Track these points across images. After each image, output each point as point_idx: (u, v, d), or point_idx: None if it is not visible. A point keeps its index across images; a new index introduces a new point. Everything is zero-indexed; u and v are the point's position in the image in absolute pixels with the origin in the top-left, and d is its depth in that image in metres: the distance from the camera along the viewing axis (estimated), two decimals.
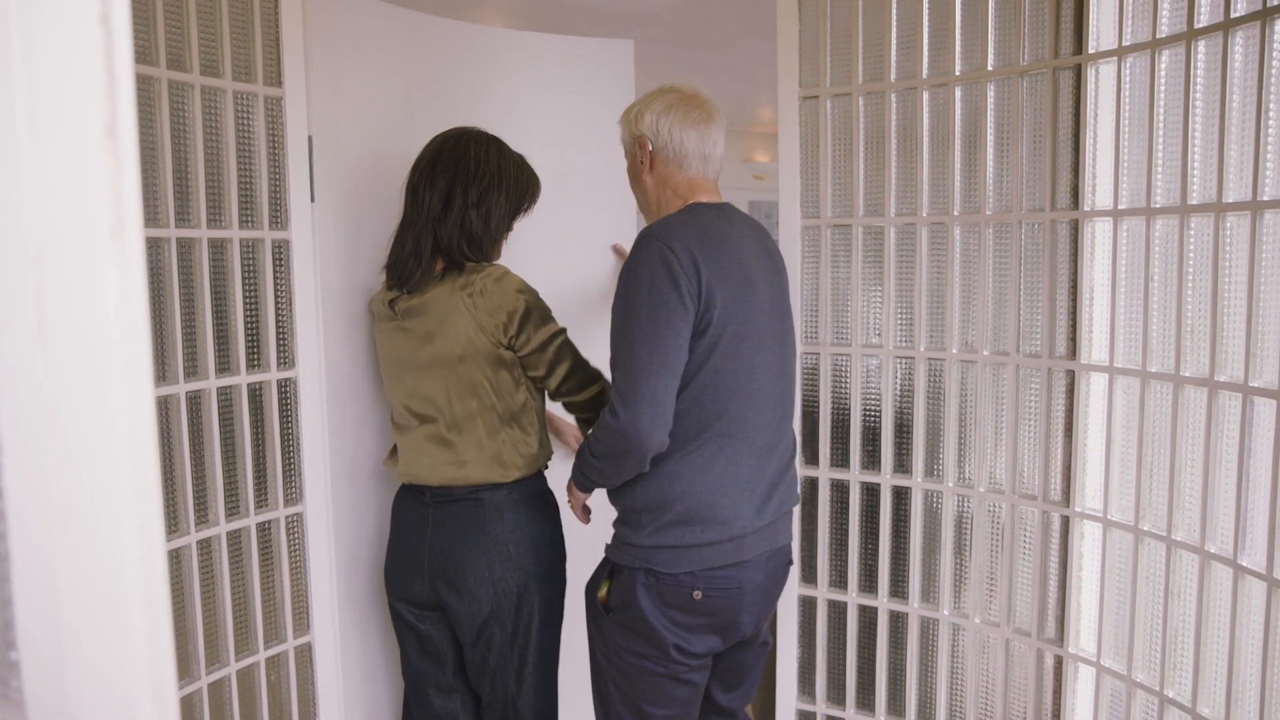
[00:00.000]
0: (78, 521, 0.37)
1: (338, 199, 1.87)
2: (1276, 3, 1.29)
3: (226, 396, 1.69)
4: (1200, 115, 1.44)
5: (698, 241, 1.49)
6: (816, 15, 1.92)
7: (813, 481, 2.04)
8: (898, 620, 1.99)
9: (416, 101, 2.00)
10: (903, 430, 1.95)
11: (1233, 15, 1.36)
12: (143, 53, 1.51)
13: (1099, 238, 1.65)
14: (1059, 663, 1.77)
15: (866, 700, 2.05)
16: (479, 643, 1.76)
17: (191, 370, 1.62)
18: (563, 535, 1.85)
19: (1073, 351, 1.71)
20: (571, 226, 2.20)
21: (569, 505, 1.77)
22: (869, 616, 2.02)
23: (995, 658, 1.87)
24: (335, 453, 1.88)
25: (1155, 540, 1.56)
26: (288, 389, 1.79)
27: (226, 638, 1.71)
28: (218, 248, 1.66)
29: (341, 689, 1.91)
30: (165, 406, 1.58)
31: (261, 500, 1.77)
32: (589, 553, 1.83)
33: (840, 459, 2.02)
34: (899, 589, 1.99)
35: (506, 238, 1.80)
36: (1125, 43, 1.56)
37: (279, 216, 1.75)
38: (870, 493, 1.99)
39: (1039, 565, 1.78)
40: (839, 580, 2.05)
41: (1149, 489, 1.58)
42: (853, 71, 1.90)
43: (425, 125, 1.87)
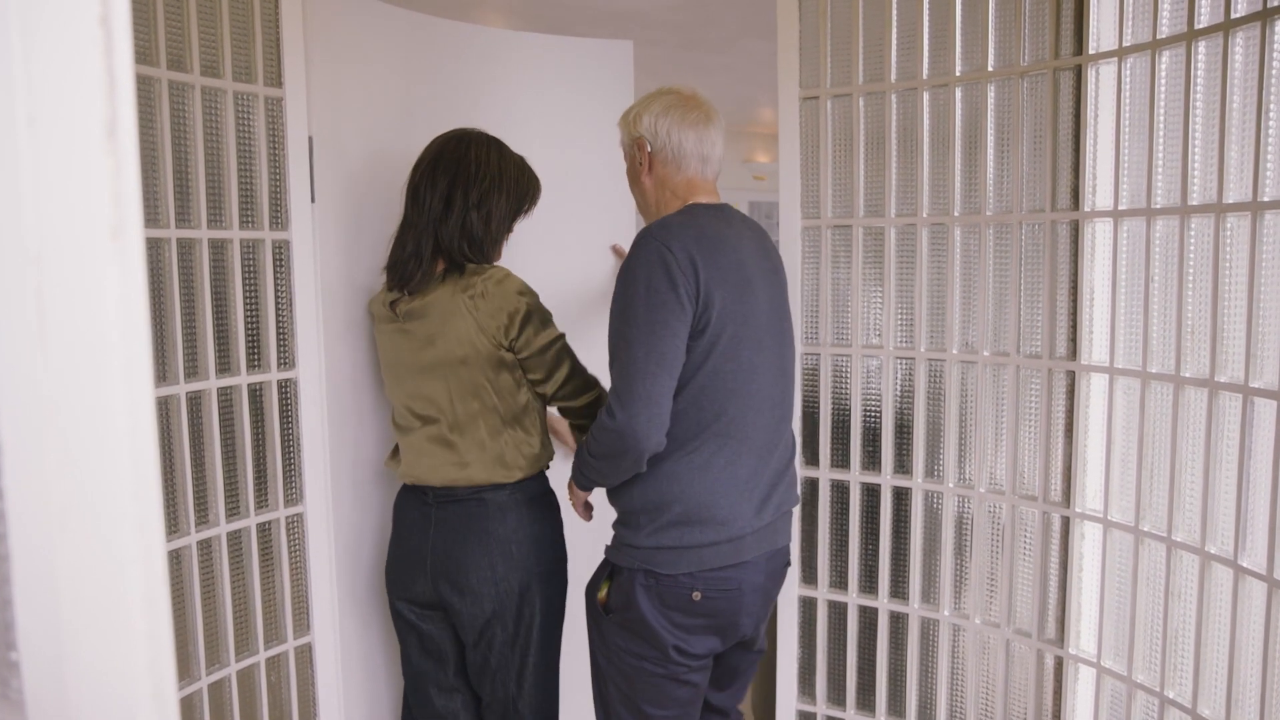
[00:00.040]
0: (78, 521, 0.37)
1: (338, 199, 1.87)
2: (1277, 3, 1.29)
3: (227, 397, 1.69)
4: (1200, 116, 1.44)
5: (696, 242, 1.49)
6: (817, 16, 1.92)
7: (813, 482, 2.04)
8: (898, 621, 1.99)
9: (416, 102, 2.01)
10: (903, 431, 1.95)
11: (1233, 16, 1.36)
12: (143, 53, 1.51)
13: (1099, 238, 1.65)
14: (1059, 663, 1.77)
15: (867, 701, 2.05)
16: (481, 642, 1.76)
17: (192, 371, 1.62)
18: (564, 535, 1.85)
19: (1073, 352, 1.70)
20: (571, 227, 2.20)
21: (570, 503, 1.77)
22: (869, 617, 2.02)
23: (995, 658, 1.87)
24: (336, 453, 1.88)
25: (1155, 541, 1.56)
26: (288, 389, 1.79)
27: (227, 638, 1.71)
28: (218, 248, 1.66)
29: (342, 690, 1.91)
30: (165, 407, 1.58)
31: (262, 501, 1.77)
32: (589, 553, 1.83)
33: (840, 460, 2.02)
34: (899, 590, 1.99)
35: (507, 239, 1.81)
36: (1125, 43, 1.56)
37: (279, 217, 1.75)
38: (870, 493, 1.99)
39: (1039, 566, 1.78)
40: (839, 581, 2.04)
41: (1149, 490, 1.57)
42: (853, 72, 1.90)
43: (425, 126, 1.87)
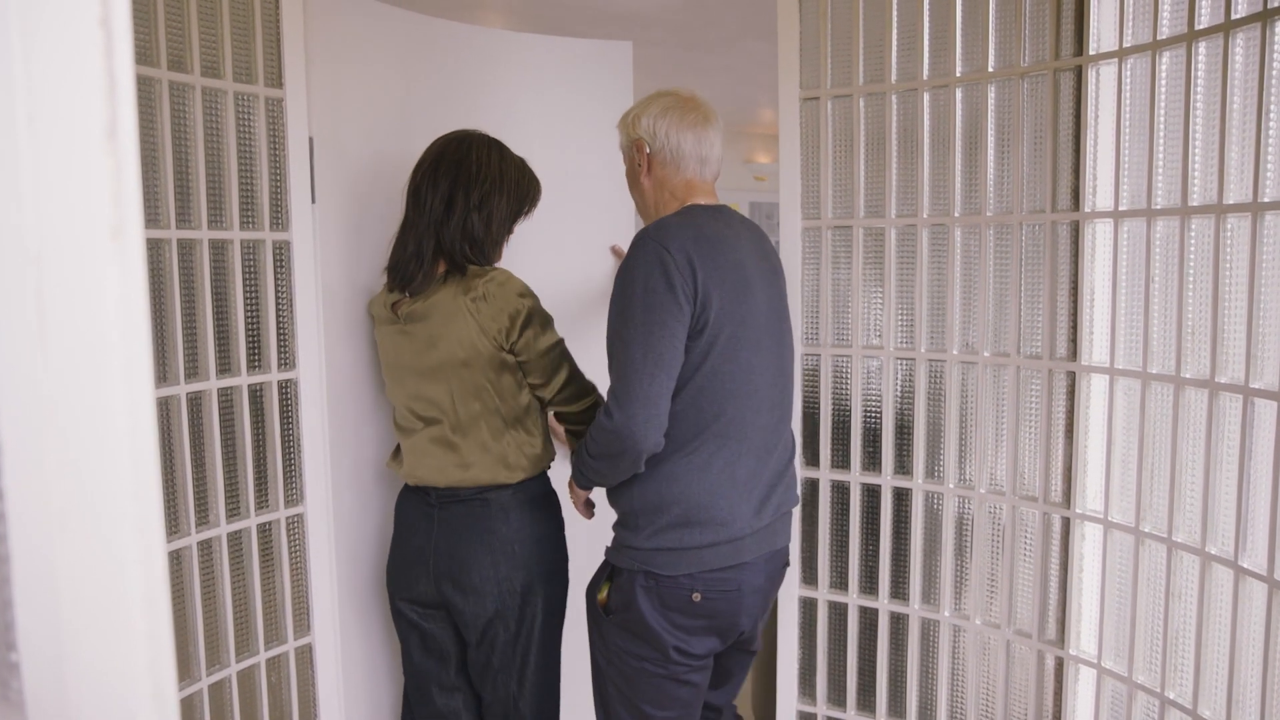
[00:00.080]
0: (78, 522, 0.37)
1: (338, 200, 1.87)
2: (1277, 4, 1.29)
3: (227, 397, 1.69)
4: (1201, 117, 1.44)
5: (694, 243, 1.49)
6: (817, 16, 1.92)
7: (813, 483, 2.04)
8: (898, 622, 1.99)
9: (417, 103, 2.01)
10: (903, 431, 1.95)
11: (1233, 17, 1.36)
12: (144, 54, 1.51)
13: (1100, 239, 1.65)
14: (1060, 664, 1.77)
15: (867, 702, 2.04)
16: (483, 642, 1.76)
17: (192, 371, 1.62)
18: (565, 536, 1.85)
19: (1073, 353, 1.70)
20: (570, 227, 2.20)
21: (571, 502, 1.77)
22: (870, 618, 2.02)
23: (996, 659, 1.87)
24: (336, 453, 1.88)
25: (1156, 542, 1.56)
26: (288, 390, 1.79)
27: (227, 639, 1.71)
28: (218, 249, 1.66)
29: (342, 690, 1.91)
30: (166, 407, 1.58)
31: (262, 501, 1.77)
32: (590, 554, 1.83)
33: (841, 460, 2.02)
34: (900, 590, 1.99)
35: (508, 240, 1.81)
36: (1126, 44, 1.56)
37: (280, 217, 1.75)
38: (871, 494, 1.99)
39: (1040, 567, 1.78)
40: (840, 581, 2.04)
41: (1150, 490, 1.57)
42: (853, 73, 1.90)
43: (425, 126, 1.87)
